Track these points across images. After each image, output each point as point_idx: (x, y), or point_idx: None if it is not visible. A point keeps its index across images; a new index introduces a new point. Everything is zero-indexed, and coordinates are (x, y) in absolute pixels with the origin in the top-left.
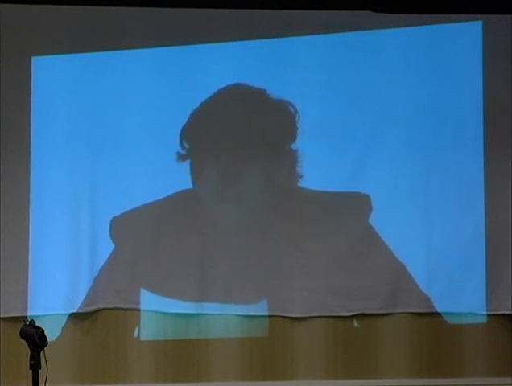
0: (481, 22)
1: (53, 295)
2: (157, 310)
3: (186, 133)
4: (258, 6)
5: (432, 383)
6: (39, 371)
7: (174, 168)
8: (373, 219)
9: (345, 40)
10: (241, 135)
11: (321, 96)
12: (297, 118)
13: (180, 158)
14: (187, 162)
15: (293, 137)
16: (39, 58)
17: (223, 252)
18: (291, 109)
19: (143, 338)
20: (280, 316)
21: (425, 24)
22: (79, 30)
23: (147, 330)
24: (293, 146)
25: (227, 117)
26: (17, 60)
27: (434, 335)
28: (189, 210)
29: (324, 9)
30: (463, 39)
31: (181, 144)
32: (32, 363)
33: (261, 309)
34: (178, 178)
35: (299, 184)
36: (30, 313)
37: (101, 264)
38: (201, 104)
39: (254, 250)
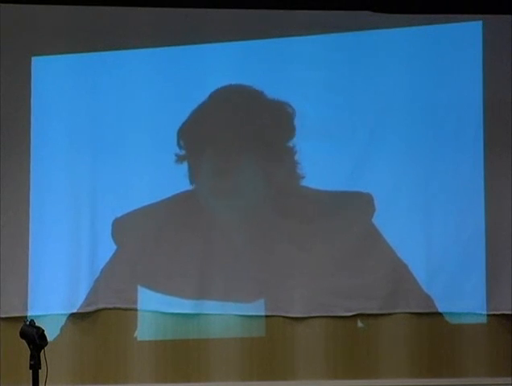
0: (480, 22)
1: (53, 295)
2: (157, 310)
3: (182, 132)
4: (258, 6)
5: (432, 383)
6: (39, 371)
7: (174, 169)
8: (374, 219)
9: (345, 40)
10: (237, 133)
11: (321, 95)
12: (294, 116)
13: (179, 159)
14: (185, 163)
15: (291, 135)
16: (39, 58)
17: (223, 252)
18: (288, 108)
19: (143, 338)
20: (280, 316)
21: (425, 24)
22: (79, 30)
23: (147, 330)
24: (290, 144)
25: (223, 117)
26: (17, 60)
27: (434, 335)
28: (189, 211)
29: (324, 9)
30: (463, 38)
31: (178, 143)
32: (32, 363)
33: (260, 309)
34: (178, 179)
35: (300, 184)
36: (30, 313)
37: (101, 264)
38: (198, 105)
39: (255, 250)
